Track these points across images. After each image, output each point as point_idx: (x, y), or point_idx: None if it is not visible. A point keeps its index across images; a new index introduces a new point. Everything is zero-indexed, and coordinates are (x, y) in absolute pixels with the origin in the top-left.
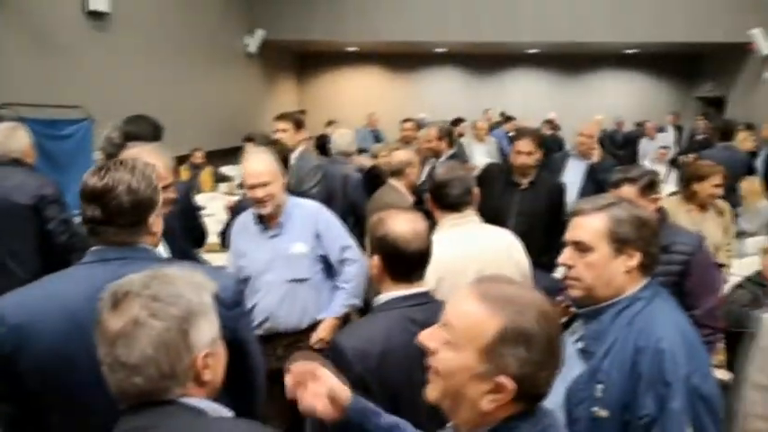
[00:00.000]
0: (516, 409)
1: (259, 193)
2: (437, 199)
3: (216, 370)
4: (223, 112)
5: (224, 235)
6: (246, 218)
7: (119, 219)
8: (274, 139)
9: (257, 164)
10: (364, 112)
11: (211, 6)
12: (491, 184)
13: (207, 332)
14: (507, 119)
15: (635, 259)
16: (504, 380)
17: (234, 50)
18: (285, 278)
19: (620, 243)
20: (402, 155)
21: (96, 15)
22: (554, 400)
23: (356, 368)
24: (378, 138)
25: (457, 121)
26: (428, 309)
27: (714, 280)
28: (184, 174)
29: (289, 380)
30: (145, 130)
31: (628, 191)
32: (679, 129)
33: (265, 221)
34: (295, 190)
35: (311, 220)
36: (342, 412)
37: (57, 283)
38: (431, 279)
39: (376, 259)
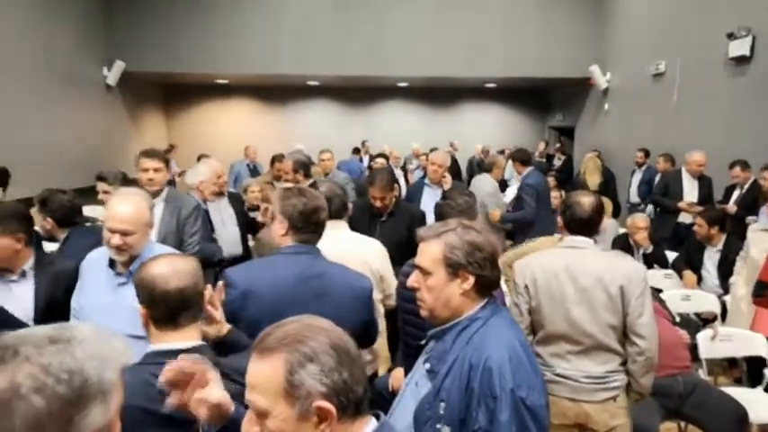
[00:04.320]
0: (352, 425)
1: (115, 240)
2: None
3: None
4: (79, 149)
5: None
6: (98, 254)
7: (307, 228)
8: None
9: (124, 207)
10: (238, 145)
11: (63, 37)
12: (357, 217)
13: (97, 419)
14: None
15: (469, 282)
16: (319, 403)
17: (90, 83)
18: (123, 332)
19: (454, 267)
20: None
21: None
22: (406, 421)
23: None
24: (254, 171)
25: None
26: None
27: None
28: (36, 217)
29: (168, 372)
30: None
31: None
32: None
33: (116, 266)
34: (163, 239)
35: None
36: (223, 421)
37: (269, 264)
38: None
39: (139, 307)
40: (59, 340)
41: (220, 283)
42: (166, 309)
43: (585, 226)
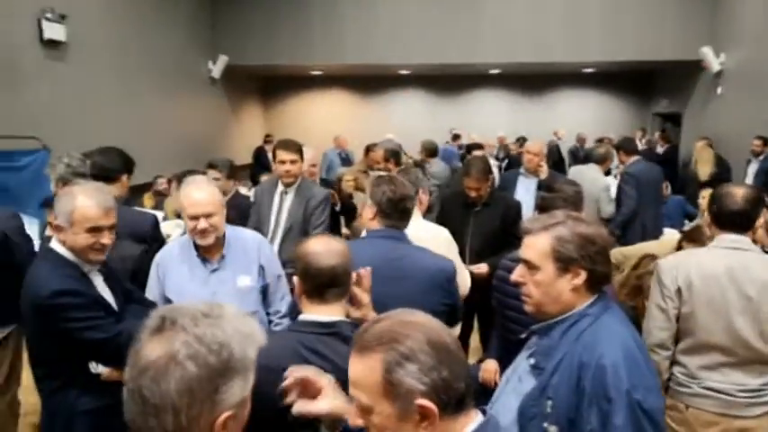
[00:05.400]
0: (454, 422)
1: (202, 224)
2: None
3: None
4: (186, 138)
5: None
6: (175, 250)
7: (394, 215)
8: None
9: (200, 193)
10: (331, 135)
11: (173, 33)
12: (450, 207)
13: (237, 392)
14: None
15: (581, 277)
16: (420, 402)
17: (197, 76)
18: None
19: (564, 262)
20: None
21: (52, 44)
22: (509, 417)
23: None
24: (346, 160)
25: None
26: (328, 342)
27: None
28: (148, 201)
29: (287, 382)
30: (114, 161)
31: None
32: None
33: (204, 254)
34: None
35: (255, 252)
36: (338, 427)
37: (356, 245)
38: None
39: (296, 279)
40: (211, 315)
41: (367, 269)
42: (317, 283)
43: (738, 220)
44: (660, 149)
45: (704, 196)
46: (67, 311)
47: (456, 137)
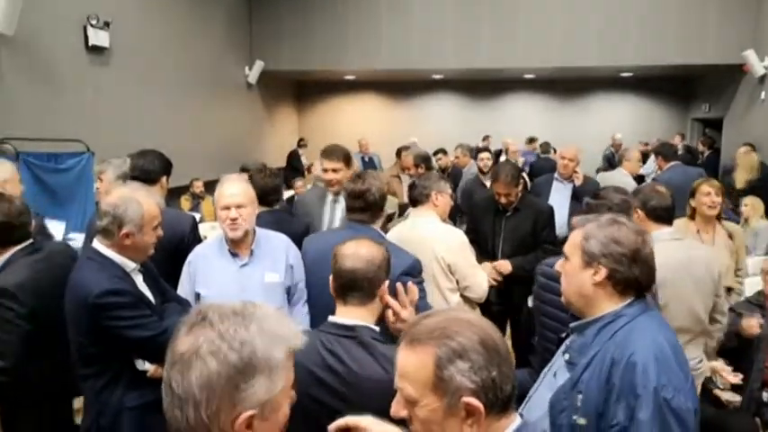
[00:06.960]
0: (497, 422)
1: (233, 213)
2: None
3: None
4: (223, 142)
5: None
6: (207, 247)
7: (354, 209)
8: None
9: (234, 186)
10: (363, 138)
11: (211, 40)
12: (482, 212)
13: (261, 392)
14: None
15: (601, 274)
16: (467, 399)
17: (234, 81)
18: None
19: (588, 256)
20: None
21: (97, 50)
22: (541, 410)
23: None
24: (369, 163)
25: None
26: (346, 345)
27: None
28: (185, 204)
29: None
30: (153, 164)
31: None
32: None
33: (235, 250)
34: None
35: (283, 251)
36: None
37: (327, 233)
38: None
39: (331, 278)
40: (240, 314)
41: (413, 287)
42: (338, 283)
43: (671, 215)
44: (702, 156)
45: (746, 204)
46: (116, 310)
47: (531, 140)
